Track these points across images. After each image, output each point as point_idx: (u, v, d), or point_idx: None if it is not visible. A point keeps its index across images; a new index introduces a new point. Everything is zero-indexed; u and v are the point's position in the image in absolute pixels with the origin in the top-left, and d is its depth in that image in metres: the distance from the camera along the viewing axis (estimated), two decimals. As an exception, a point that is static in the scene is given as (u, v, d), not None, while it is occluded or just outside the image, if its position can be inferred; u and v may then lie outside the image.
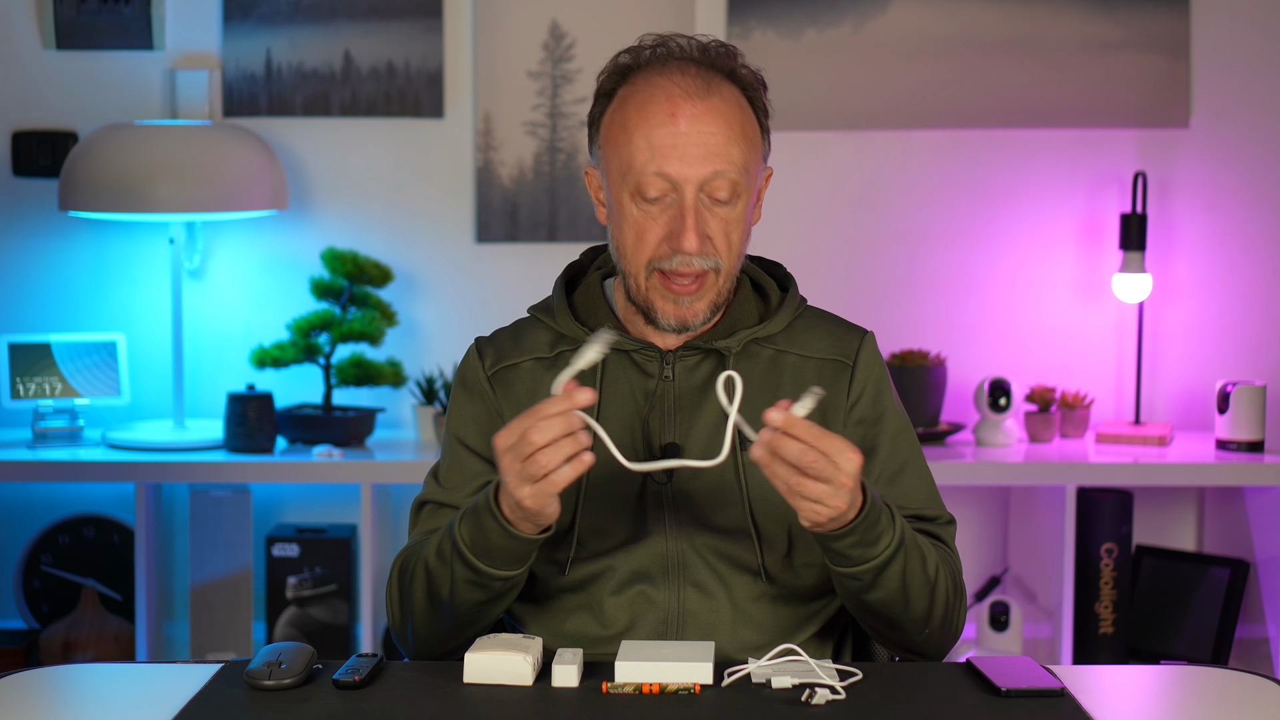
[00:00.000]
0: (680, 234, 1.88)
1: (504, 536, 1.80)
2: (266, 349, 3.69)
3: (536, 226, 3.86)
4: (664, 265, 1.90)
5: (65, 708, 1.81)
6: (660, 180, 1.88)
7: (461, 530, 1.83)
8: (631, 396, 1.96)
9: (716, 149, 1.88)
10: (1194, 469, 3.62)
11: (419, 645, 1.95)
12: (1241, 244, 3.90)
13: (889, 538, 1.82)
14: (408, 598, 1.93)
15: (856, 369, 2.00)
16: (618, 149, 1.91)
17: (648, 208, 1.90)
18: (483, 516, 1.81)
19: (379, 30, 3.81)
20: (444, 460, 2.01)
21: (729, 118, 1.90)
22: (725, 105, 1.90)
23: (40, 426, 3.67)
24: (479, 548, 1.82)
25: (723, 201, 1.90)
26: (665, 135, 1.88)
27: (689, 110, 1.88)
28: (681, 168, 1.88)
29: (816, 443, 1.72)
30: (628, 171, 1.90)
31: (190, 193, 3.51)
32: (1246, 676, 1.85)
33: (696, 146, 1.88)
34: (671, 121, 1.88)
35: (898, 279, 3.90)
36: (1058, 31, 3.84)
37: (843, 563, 1.83)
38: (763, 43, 3.79)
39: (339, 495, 3.88)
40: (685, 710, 1.69)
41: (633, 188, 1.90)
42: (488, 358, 2.02)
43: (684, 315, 1.93)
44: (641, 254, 1.91)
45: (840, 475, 1.73)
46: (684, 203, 1.89)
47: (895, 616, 1.88)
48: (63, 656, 3.66)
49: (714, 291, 1.93)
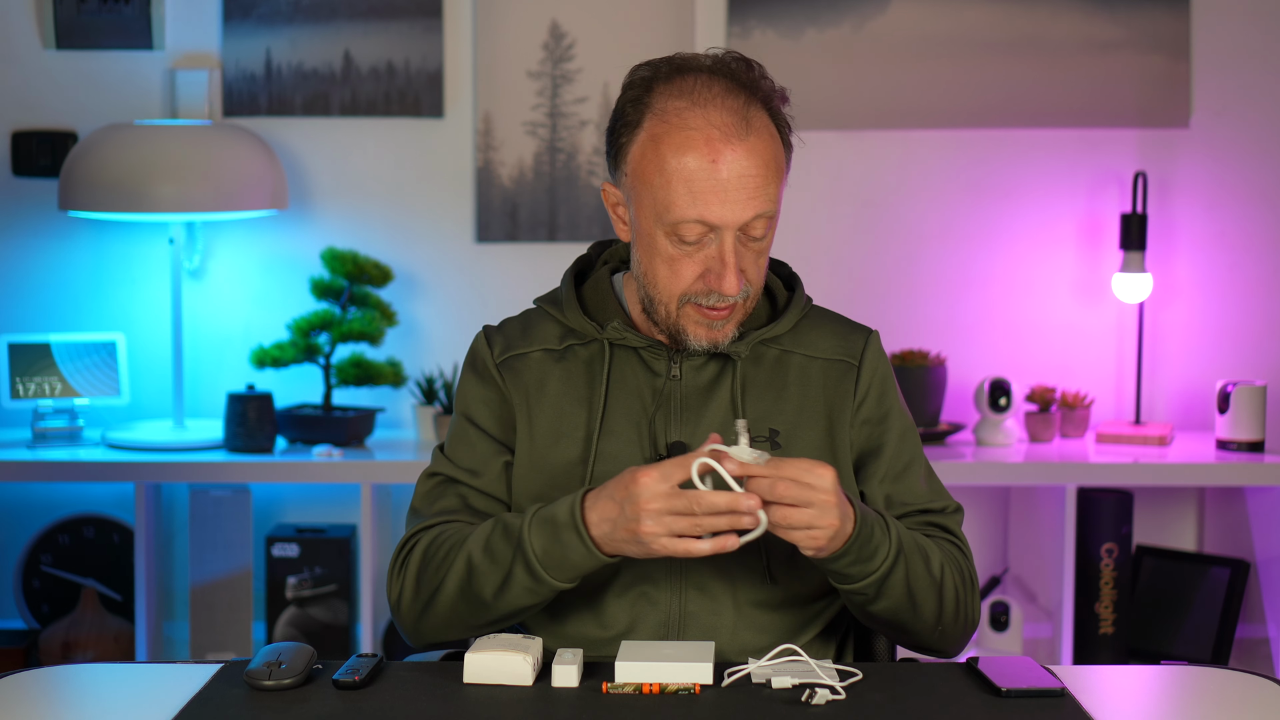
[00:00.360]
0: (721, 276, 1.88)
1: (587, 557, 1.80)
2: (266, 349, 3.68)
3: (536, 226, 3.86)
4: (699, 301, 1.91)
5: (65, 708, 1.81)
6: (700, 226, 1.88)
7: (533, 541, 1.82)
8: (638, 394, 1.97)
9: (756, 191, 1.87)
10: (1194, 469, 3.62)
11: (430, 632, 1.93)
12: (1241, 244, 3.90)
13: (885, 549, 1.83)
14: (430, 583, 1.90)
15: (862, 369, 2.00)
16: (652, 188, 1.89)
17: (685, 247, 1.89)
18: (564, 533, 1.80)
19: (379, 30, 3.81)
20: (451, 436, 2.01)
21: (765, 155, 1.88)
22: (761, 142, 1.88)
23: (40, 426, 3.67)
24: (552, 560, 1.81)
25: (758, 238, 1.90)
26: (706, 181, 1.86)
27: (729, 155, 1.86)
28: (723, 213, 1.87)
29: (779, 472, 1.73)
30: (664, 213, 1.88)
31: (190, 193, 3.51)
32: (1246, 676, 1.85)
33: (738, 191, 1.86)
34: (713, 168, 1.86)
35: (898, 279, 3.90)
36: (1058, 31, 3.84)
37: (843, 580, 1.84)
38: (763, 43, 3.79)
39: (339, 495, 3.88)
40: (685, 710, 1.69)
41: (669, 229, 1.88)
42: (496, 345, 2.02)
43: (715, 338, 1.94)
44: (675, 287, 1.91)
45: (818, 494, 1.74)
46: (724, 245, 1.88)
47: (904, 622, 1.89)
48: (63, 656, 3.66)
49: (742, 313, 1.94)
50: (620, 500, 1.76)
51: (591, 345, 2.00)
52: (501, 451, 1.98)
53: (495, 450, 1.98)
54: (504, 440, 1.99)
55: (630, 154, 1.91)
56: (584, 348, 2.00)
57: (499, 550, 1.84)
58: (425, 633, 1.93)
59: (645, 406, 1.96)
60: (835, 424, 1.97)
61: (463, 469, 1.98)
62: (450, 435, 2.02)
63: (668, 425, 1.95)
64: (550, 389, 1.98)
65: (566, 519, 1.80)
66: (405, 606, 1.93)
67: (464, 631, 1.91)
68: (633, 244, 1.96)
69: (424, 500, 1.99)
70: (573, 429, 1.96)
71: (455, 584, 1.88)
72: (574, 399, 1.97)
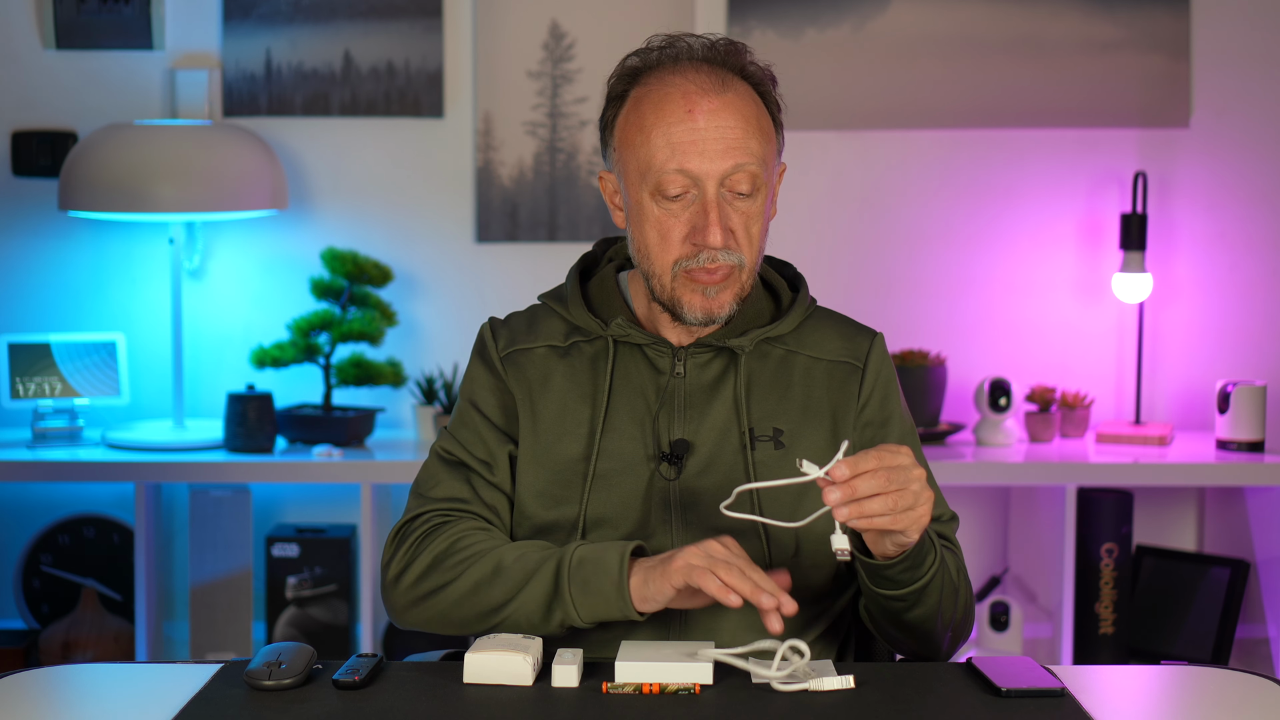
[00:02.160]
0: (704, 229, 1.89)
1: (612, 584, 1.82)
2: (266, 349, 3.68)
3: (536, 226, 3.86)
4: (690, 265, 1.91)
5: (65, 708, 1.81)
6: (681, 177, 1.89)
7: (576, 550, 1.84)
8: (642, 392, 1.97)
9: (735, 142, 1.89)
10: (1194, 469, 3.62)
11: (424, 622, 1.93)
12: (1241, 244, 3.90)
13: (932, 555, 1.84)
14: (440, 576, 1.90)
15: (866, 371, 2.00)
16: (635, 149, 1.92)
17: (669, 205, 1.91)
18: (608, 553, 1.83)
19: (379, 30, 3.81)
20: (457, 420, 2.02)
21: (745, 112, 1.90)
22: (740, 100, 1.91)
23: (40, 426, 3.67)
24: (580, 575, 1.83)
25: (744, 195, 1.91)
26: (684, 131, 1.88)
27: (706, 106, 1.89)
28: (702, 163, 1.88)
29: (880, 459, 1.72)
30: (647, 171, 1.90)
31: (190, 193, 3.51)
32: (1246, 676, 1.85)
33: (716, 141, 1.88)
34: (690, 118, 1.89)
35: (898, 279, 3.90)
36: (1058, 31, 3.84)
37: (892, 586, 1.83)
38: (763, 43, 3.79)
39: (339, 495, 3.88)
40: (685, 710, 1.69)
41: (653, 186, 1.90)
42: (501, 338, 2.03)
43: (710, 307, 1.93)
44: (667, 254, 1.92)
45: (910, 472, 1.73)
46: (706, 198, 1.89)
47: (929, 630, 1.90)
48: (62, 656, 3.66)
49: (738, 285, 1.93)
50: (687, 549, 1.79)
51: (596, 342, 2.00)
52: (506, 442, 1.99)
53: (501, 440, 1.98)
54: (508, 431, 1.99)
55: (616, 124, 1.95)
56: (588, 344, 2.00)
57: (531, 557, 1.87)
58: (411, 617, 1.93)
59: (649, 404, 1.97)
60: (839, 425, 1.97)
61: (475, 457, 1.98)
62: (456, 419, 2.02)
63: (671, 423, 1.96)
64: (554, 384, 1.99)
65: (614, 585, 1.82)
66: (402, 586, 1.93)
67: (454, 628, 1.92)
68: (628, 227, 1.97)
69: (432, 478, 1.99)
70: (576, 425, 1.97)
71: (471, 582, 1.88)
72: (578, 395, 1.98)
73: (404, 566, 1.93)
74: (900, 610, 1.86)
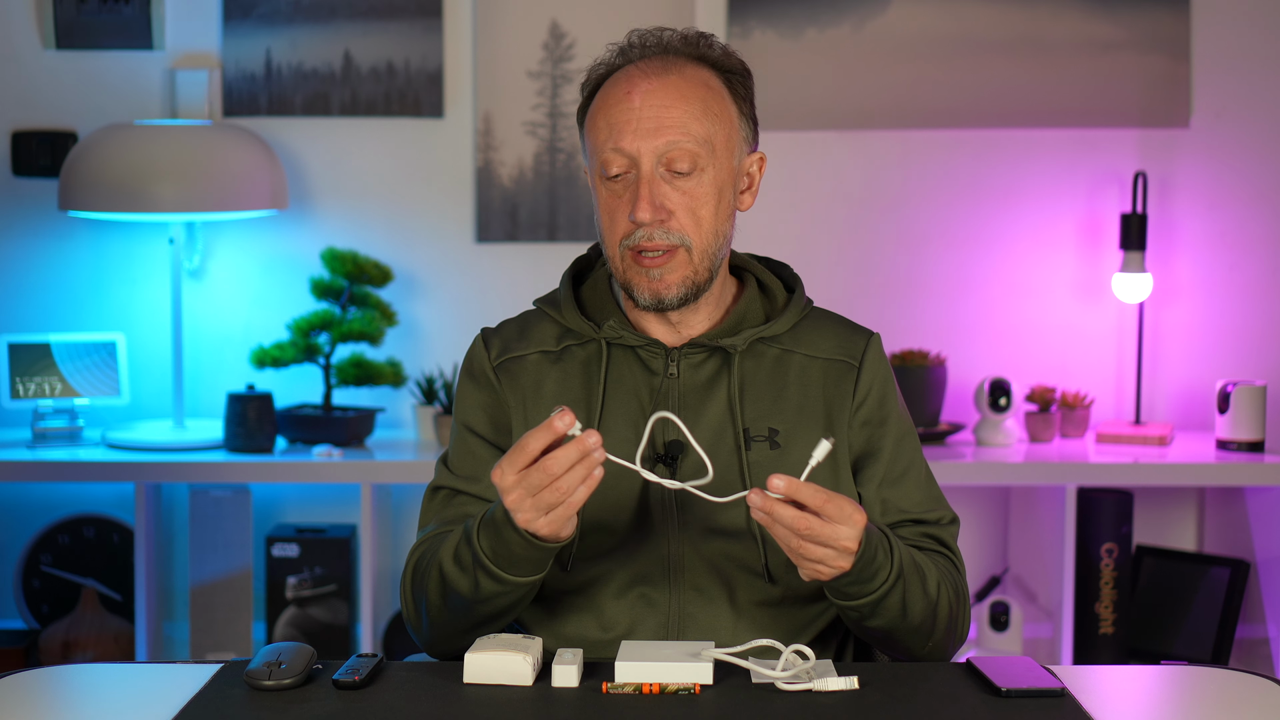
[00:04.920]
0: (636, 204, 1.90)
1: (527, 548, 1.79)
2: (266, 349, 3.68)
3: (536, 226, 3.86)
4: (630, 242, 1.92)
5: (65, 708, 1.81)
6: (618, 156, 1.92)
7: (481, 544, 1.82)
8: (635, 393, 1.97)
9: (671, 121, 1.91)
10: (1194, 469, 3.62)
11: (435, 642, 1.94)
12: (1241, 244, 3.90)
13: (886, 572, 1.82)
14: (421, 595, 1.92)
15: (863, 371, 2.00)
16: (588, 135, 1.97)
17: (613, 186, 1.93)
18: (503, 530, 1.79)
19: (379, 30, 3.81)
20: (453, 447, 2.02)
21: (687, 93, 1.92)
22: (684, 82, 1.93)
23: (40, 426, 3.67)
24: (502, 560, 1.81)
25: (683, 174, 1.91)
26: (621, 112, 1.92)
27: (644, 87, 1.92)
28: (635, 140, 1.91)
29: (823, 508, 1.73)
30: (594, 153, 1.95)
31: (190, 193, 3.51)
32: (1246, 676, 1.85)
33: (650, 120, 1.91)
34: (627, 99, 1.92)
35: (898, 279, 3.90)
36: (1058, 31, 3.84)
37: (841, 597, 1.84)
38: (763, 43, 3.79)
39: (339, 495, 3.88)
40: (685, 710, 1.69)
41: (597, 168, 1.94)
42: (493, 348, 2.02)
43: (657, 289, 1.92)
44: (614, 234, 1.94)
45: (841, 542, 1.75)
46: (640, 175, 1.91)
47: (898, 638, 1.89)
48: (63, 656, 3.66)
49: (688, 269, 1.92)
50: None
51: (589, 345, 2.00)
52: (498, 456, 1.98)
53: (493, 456, 1.98)
54: (501, 446, 1.99)
55: (585, 118, 1.99)
56: (581, 348, 2.00)
57: (465, 558, 1.85)
58: (434, 642, 1.95)
59: (643, 405, 1.96)
60: (834, 424, 1.97)
61: (463, 477, 1.99)
62: (451, 446, 2.02)
63: (665, 424, 1.95)
64: (547, 390, 1.98)
65: (503, 518, 1.79)
66: (412, 622, 1.96)
67: (463, 636, 1.91)
68: None
69: (429, 516, 2.00)
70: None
71: (437, 593, 1.89)
72: (571, 399, 1.97)
73: (406, 606, 1.96)
74: (857, 619, 1.87)
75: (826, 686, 1.74)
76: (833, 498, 1.74)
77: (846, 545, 1.75)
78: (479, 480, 1.98)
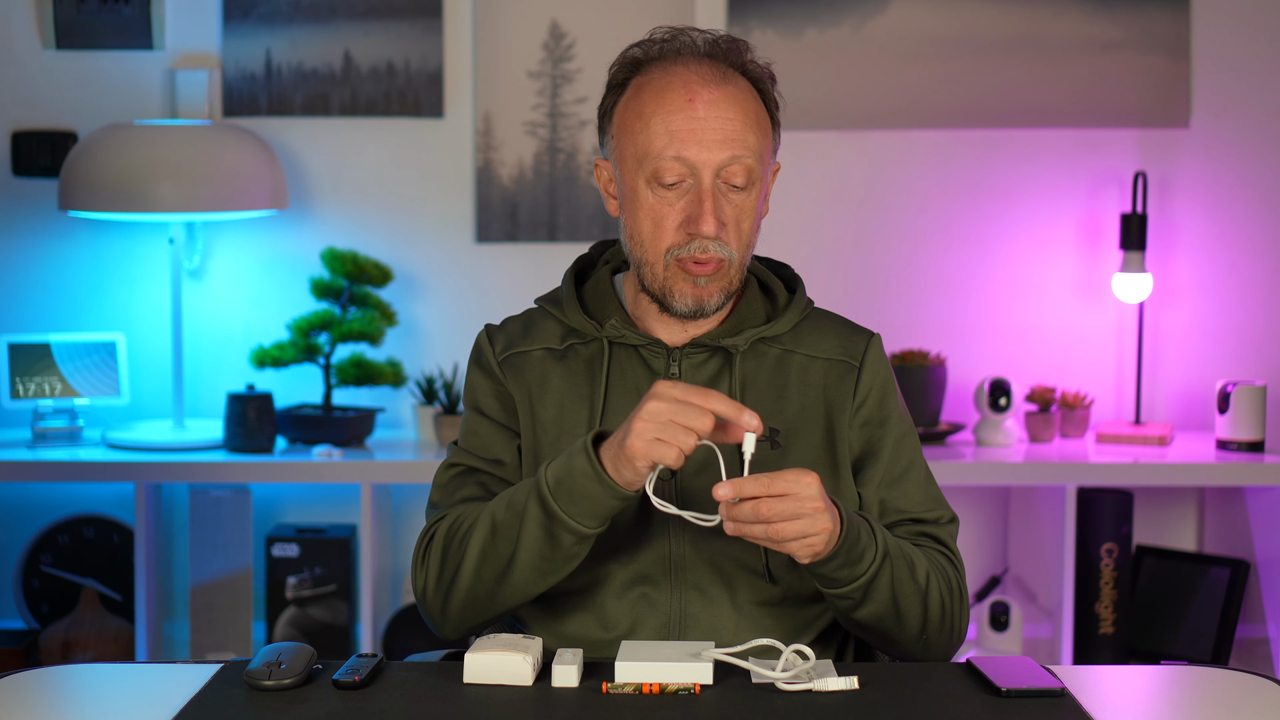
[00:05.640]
0: (699, 218, 1.89)
1: (594, 481, 1.79)
2: (266, 349, 3.69)
3: (536, 226, 3.86)
4: (682, 253, 1.91)
5: (65, 708, 1.81)
6: (678, 165, 1.90)
7: (548, 473, 1.82)
8: (638, 392, 1.97)
9: (734, 134, 1.90)
10: (1194, 469, 3.62)
11: (458, 615, 1.91)
12: (1241, 244, 3.90)
13: (872, 552, 1.83)
14: (453, 560, 1.89)
15: (863, 371, 2.00)
16: (633, 136, 1.92)
17: (664, 194, 1.91)
18: (575, 458, 1.80)
19: (379, 30, 3.81)
20: (464, 430, 2.02)
21: (744, 105, 1.91)
22: (740, 94, 1.92)
23: (40, 426, 3.67)
24: (563, 490, 1.81)
25: (738, 188, 1.91)
26: (683, 120, 1.89)
27: (706, 96, 1.90)
28: (700, 152, 1.89)
29: (770, 489, 1.74)
30: (645, 157, 1.91)
31: (190, 193, 3.51)
32: (1246, 676, 1.85)
33: (715, 131, 1.89)
34: (689, 107, 1.89)
35: (898, 279, 3.90)
36: (1058, 31, 3.84)
37: (831, 585, 1.84)
38: (763, 43, 3.79)
39: (339, 495, 3.88)
40: (685, 710, 1.69)
41: (650, 173, 1.91)
42: (498, 343, 2.03)
43: (701, 296, 1.93)
44: (660, 241, 1.92)
45: (806, 503, 1.75)
46: (701, 187, 1.90)
47: (888, 629, 1.89)
48: (62, 656, 3.66)
49: (726, 279, 1.94)
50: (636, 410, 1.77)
51: (592, 344, 2.00)
52: (514, 438, 1.99)
53: (509, 438, 1.99)
54: (513, 428, 2.00)
55: (615, 112, 1.96)
56: (584, 347, 2.00)
57: (518, 500, 1.85)
58: (450, 617, 1.92)
59: (645, 405, 1.97)
60: (835, 424, 1.97)
61: (484, 459, 1.98)
62: (464, 430, 2.02)
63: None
64: (552, 386, 1.99)
65: (579, 446, 1.81)
66: (430, 594, 1.93)
67: (485, 609, 1.90)
68: (621, 216, 1.98)
69: (443, 492, 1.99)
70: (574, 426, 1.97)
71: (477, 552, 1.87)
72: (575, 397, 1.98)
73: (425, 577, 1.93)
74: (849, 608, 1.87)
75: (826, 686, 1.74)
76: (775, 475, 1.75)
77: (814, 504, 1.75)
78: (501, 463, 1.98)
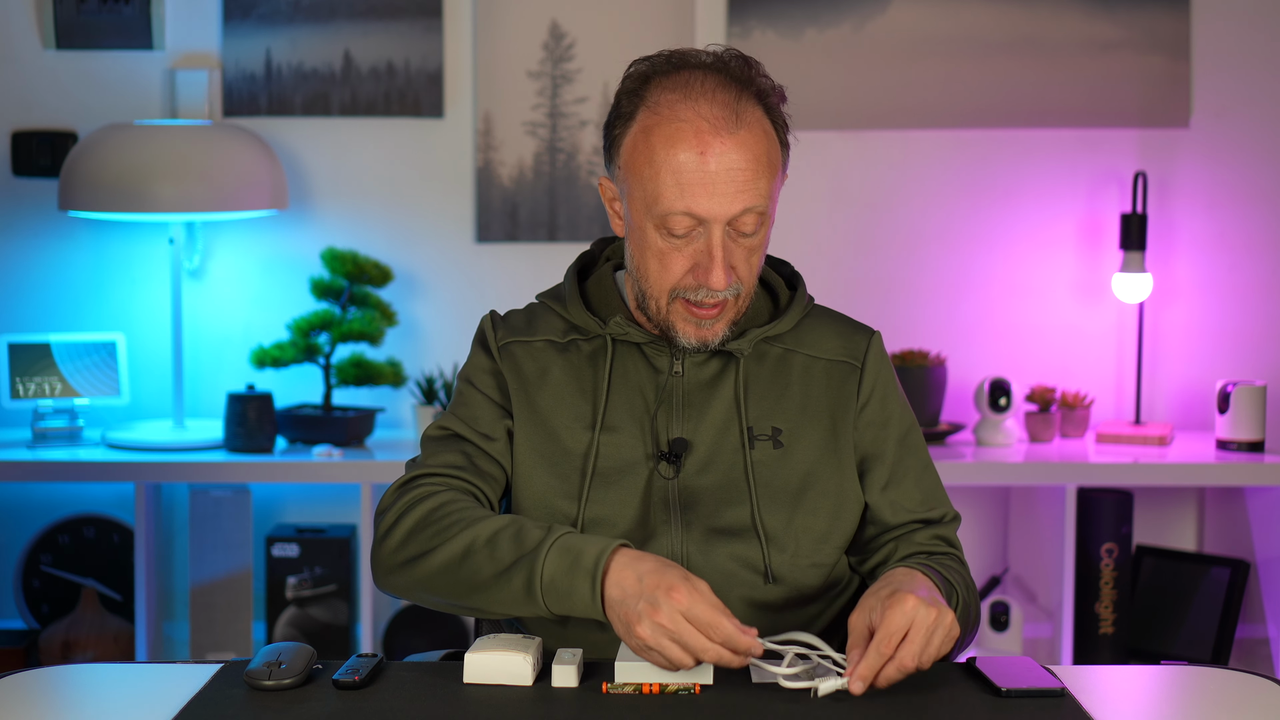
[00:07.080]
0: (708, 271, 1.88)
1: (589, 607, 1.76)
2: (266, 349, 3.69)
3: (536, 226, 3.86)
4: (688, 295, 1.91)
5: (65, 708, 1.81)
6: (688, 219, 1.88)
7: (548, 563, 1.78)
8: (640, 391, 1.97)
9: (745, 185, 1.87)
10: (1194, 469, 3.62)
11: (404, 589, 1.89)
12: (1241, 244, 3.90)
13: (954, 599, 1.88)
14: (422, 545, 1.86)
15: (865, 371, 2.00)
16: (642, 180, 1.89)
17: (674, 240, 1.90)
18: (579, 575, 1.76)
19: (379, 30, 3.81)
20: (456, 400, 2.01)
21: (756, 150, 1.88)
22: (752, 136, 1.88)
23: (40, 426, 3.67)
24: (555, 591, 1.78)
25: (748, 234, 1.90)
26: (694, 174, 1.86)
27: (718, 147, 1.86)
28: (711, 206, 1.86)
29: (891, 646, 1.71)
30: (653, 205, 1.88)
31: (190, 193, 3.51)
32: (1246, 676, 1.85)
33: (726, 184, 1.86)
34: (700, 161, 1.85)
35: (898, 279, 3.90)
36: (1058, 31, 3.84)
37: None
38: (763, 43, 3.79)
39: (339, 495, 3.88)
40: (685, 710, 1.69)
41: (658, 221, 1.89)
42: (500, 330, 2.03)
43: (705, 336, 1.93)
44: (665, 282, 1.91)
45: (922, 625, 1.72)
46: (711, 239, 1.88)
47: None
48: (62, 656, 3.66)
49: (733, 311, 1.94)
50: (648, 589, 1.72)
51: (594, 340, 2.00)
52: (504, 417, 1.98)
53: (499, 415, 1.98)
54: (507, 408, 1.99)
55: (623, 146, 1.92)
56: (586, 343, 2.01)
57: (504, 550, 1.81)
58: (396, 585, 1.90)
59: (647, 403, 1.97)
60: (838, 425, 1.97)
61: (472, 430, 1.98)
62: (455, 400, 2.02)
63: (670, 421, 1.96)
64: (553, 376, 1.99)
65: (589, 565, 1.76)
66: (388, 551, 1.89)
67: (432, 600, 1.89)
68: (626, 237, 1.97)
69: (427, 450, 1.98)
70: (574, 421, 1.97)
71: (445, 559, 1.85)
72: (576, 391, 1.98)
73: (390, 530, 1.89)
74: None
75: (829, 686, 1.74)
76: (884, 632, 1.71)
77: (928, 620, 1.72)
78: (489, 437, 1.97)
